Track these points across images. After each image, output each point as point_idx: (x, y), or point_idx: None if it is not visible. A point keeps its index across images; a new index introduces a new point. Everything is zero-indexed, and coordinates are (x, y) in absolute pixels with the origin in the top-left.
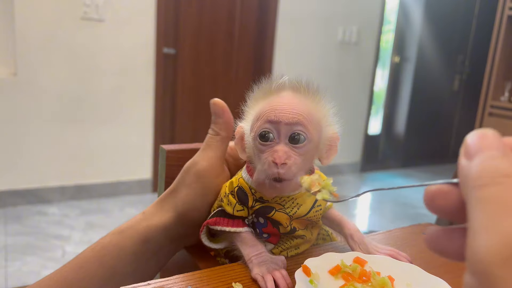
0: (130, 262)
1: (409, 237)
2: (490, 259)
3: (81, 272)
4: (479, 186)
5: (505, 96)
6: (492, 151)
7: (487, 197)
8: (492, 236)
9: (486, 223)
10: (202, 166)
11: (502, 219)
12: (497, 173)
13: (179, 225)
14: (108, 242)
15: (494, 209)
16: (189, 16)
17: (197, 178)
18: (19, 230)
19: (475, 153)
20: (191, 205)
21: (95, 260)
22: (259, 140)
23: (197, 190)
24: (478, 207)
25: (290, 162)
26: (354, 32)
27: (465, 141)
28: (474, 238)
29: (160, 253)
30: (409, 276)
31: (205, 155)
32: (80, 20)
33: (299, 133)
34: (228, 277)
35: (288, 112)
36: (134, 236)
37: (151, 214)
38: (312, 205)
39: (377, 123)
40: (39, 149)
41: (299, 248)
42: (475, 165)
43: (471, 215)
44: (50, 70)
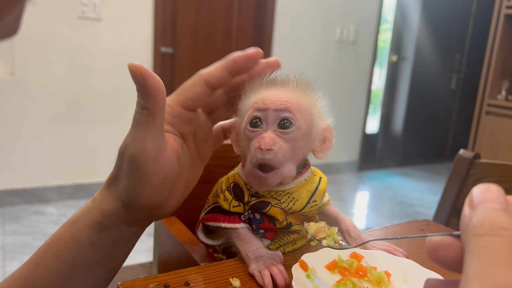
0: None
1: (406, 233)
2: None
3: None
4: (478, 235)
5: (502, 94)
6: (494, 204)
7: (483, 246)
8: (483, 285)
9: (478, 272)
10: (134, 151)
11: (493, 269)
12: (496, 225)
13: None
14: (62, 235)
15: (488, 259)
16: (186, 15)
17: (131, 165)
18: (17, 230)
19: (478, 204)
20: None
21: (52, 255)
22: (249, 127)
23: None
24: (474, 255)
25: (275, 148)
26: (352, 31)
27: (471, 192)
28: (466, 285)
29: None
30: (406, 271)
31: (135, 136)
32: (78, 20)
33: (287, 119)
34: (225, 272)
35: (275, 99)
36: (87, 226)
37: (101, 201)
38: (307, 200)
39: (374, 122)
40: (37, 149)
41: (295, 244)
42: (477, 215)
43: (466, 262)
44: (48, 70)
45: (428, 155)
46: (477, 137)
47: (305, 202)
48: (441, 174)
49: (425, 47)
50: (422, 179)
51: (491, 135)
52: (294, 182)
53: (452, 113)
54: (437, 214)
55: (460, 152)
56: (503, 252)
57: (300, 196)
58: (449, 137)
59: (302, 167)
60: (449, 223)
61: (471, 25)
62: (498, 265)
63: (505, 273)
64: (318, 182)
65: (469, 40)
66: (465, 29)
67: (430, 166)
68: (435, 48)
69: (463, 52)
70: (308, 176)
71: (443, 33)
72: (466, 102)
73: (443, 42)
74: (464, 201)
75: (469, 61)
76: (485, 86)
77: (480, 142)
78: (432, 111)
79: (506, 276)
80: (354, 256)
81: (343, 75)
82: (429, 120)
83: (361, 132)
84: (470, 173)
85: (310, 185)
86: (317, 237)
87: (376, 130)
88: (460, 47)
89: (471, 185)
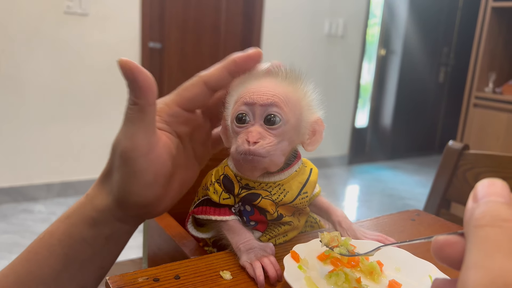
0: (83, 249)
1: (397, 223)
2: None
3: (32, 265)
4: (479, 226)
5: (490, 87)
6: (497, 198)
7: (484, 236)
8: (481, 273)
9: (478, 261)
10: (125, 147)
11: (492, 258)
12: (497, 216)
13: (122, 208)
14: (55, 230)
15: (487, 248)
16: (174, 10)
17: (123, 161)
18: (5, 229)
19: (481, 197)
20: (126, 190)
21: (44, 250)
22: (235, 123)
23: (127, 174)
24: (473, 245)
25: (263, 142)
26: (341, 25)
27: (475, 187)
28: (465, 273)
29: (115, 235)
30: (398, 260)
31: (126, 131)
32: (63, 15)
33: (274, 114)
34: (216, 265)
35: (263, 93)
36: (81, 221)
37: (94, 196)
38: (298, 192)
39: (364, 116)
40: (23, 146)
41: (287, 235)
42: (480, 207)
43: (468, 251)
44: (34, 66)
45: (417, 148)
46: (465, 129)
47: (296, 193)
48: (430, 167)
49: (413, 41)
50: (411, 172)
51: (479, 127)
52: (285, 174)
53: (440, 106)
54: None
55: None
56: (503, 241)
57: (291, 187)
58: (438, 130)
59: (293, 159)
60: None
61: (458, 19)
62: (497, 253)
63: (503, 261)
64: (309, 174)
65: (457, 33)
66: (452, 23)
67: (419, 159)
68: (423, 42)
69: (450, 46)
70: (299, 168)
71: (430, 27)
72: (454, 95)
73: (431, 35)
74: (453, 192)
75: (457, 55)
76: (473, 79)
77: (468, 134)
78: (420, 105)
79: (504, 264)
80: None
81: (332, 70)
82: (418, 114)
83: (350, 126)
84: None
85: (301, 177)
86: (330, 246)
87: (365, 124)
88: (448, 41)
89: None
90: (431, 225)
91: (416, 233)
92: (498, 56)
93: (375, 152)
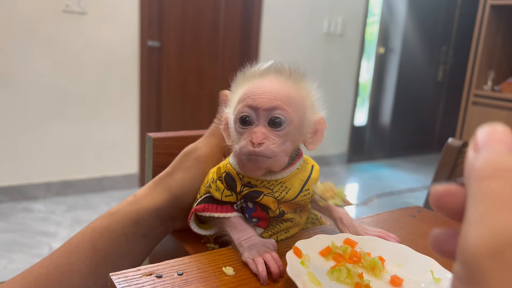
0: (121, 244)
1: (398, 219)
2: (479, 251)
3: (72, 256)
4: (481, 178)
5: (488, 85)
6: (499, 146)
7: (486, 189)
8: (483, 228)
9: (480, 216)
10: (203, 152)
11: (495, 213)
12: (500, 167)
13: (171, 207)
14: (98, 225)
15: (490, 202)
16: (173, 8)
17: (196, 163)
18: (4, 228)
19: (482, 146)
20: (186, 189)
21: (85, 243)
22: (239, 124)
23: (195, 175)
24: (476, 199)
25: (268, 143)
26: (340, 23)
27: (475, 134)
28: (467, 229)
29: (150, 235)
30: (399, 256)
31: (207, 142)
32: (62, 13)
33: (278, 117)
34: (219, 261)
35: (266, 97)
36: (124, 218)
37: (143, 196)
38: (300, 189)
39: (363, 114)
40: (22, 145)
41: (288, 232)
42: (481, 158)
43: (469, 206)
44: (32, 65)
45: (415, 147)
46: (464, 127)
47: (297, 191)
48: (428, 165)
49: (412, 39)
50: (410, 170)
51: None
52: (287, 172)
53: (439, 105)
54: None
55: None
56: (506, 195)
57: (293, 185)
58: (436, 128)
59: (294, 157)
60: None
61: (457, 17)
62: (500, 209)
63: (507, 216)
64: (311, 171)
65: (455, 31)
66: (451, 21)
67: (418, 158)
68: (421, 40)
69: (449, 44)
70: (301, 165)
71: (429, 25)
72: (452, 93)
73: (430, 34)
74: None
75: (455, 53)
76: (472, 77)
77: (467, 132)
78: (419, 103)
79: (508, 219)
80: (348, 242)
81: (331, 68)
82: (417, 112)
83: (349, 125)
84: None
85: (303, 174)
86: (324, 197)
87: (364, 123)
88: (446, 39)
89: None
90: (431, 222)
91: (416, 230)
92: (497, 54)
93: (374, 150)
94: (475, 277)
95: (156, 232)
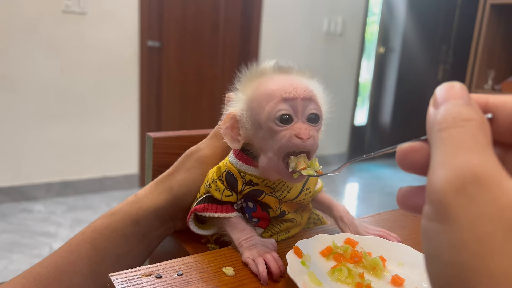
0: (121, 244)
1: (399, 219)
2: (444, 189)
3: (73, 256)
4: (442, 129)
5: (489, 84)
6: (457, 100)
7: (447, 137)
8: (447, 169)
9: (443, 159)
10: (206, 153)
11: (458, 155)
12: (459, 117)
13: (171, 208)
14: (99, 225)
15: (451, 147)
16: (173, 9)
17: (198, 163)
18: (4, 228)
19: (441, 102)
20: (187, 189)
21: (86, 243)
22: (277, 122)
23: (196, 176)
24: (438, 147)
25: (313, 135)
26: (340, 23)
27: (434, 92)
28: (432, 173)
29: (150, 235)
30: (401, 255)
31: (210, 143)
32: (62, 14)
33: (314, 112)
34: (218, 261)
35: (300, 87)
36: (124, 218)
37: (143, 195)
38: (301, 188)
39: (363, 114)
40: (23, 146)
41: (289, 232)
42: (441, 111)
43: (433, 155)
44: (32, 65)
45: None
46: None
47: (299, 190)
48: None
49: (412, 38)
50: None
51: None
52: None
53: None
54: None
55: None
56: (465, 139)
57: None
58: None
59: None
60: None
61: (457, 16)
62: (461, 150)
63: (468, 156)
64: None
65: (455, 31)
66: (451, 20)
67: None
68: (421, 40)
69: (449, 43)
70: None
71: (429, 25)
72: None
73: (430, 33)
74: None
75: (456, 52)
76: (472, 76)
77: None
78: (419, 102)
79: (470, 158)
80: (349, 242)
81: (331, 68)
82: (417, 111)
83: (349, 124)
84: None
85: None
86: (298, 169)
87: (364, 122)
88: (447, 38)
89: None
90: None
91: (418, 229)
92: (497, 53)
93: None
94: (443, 213)
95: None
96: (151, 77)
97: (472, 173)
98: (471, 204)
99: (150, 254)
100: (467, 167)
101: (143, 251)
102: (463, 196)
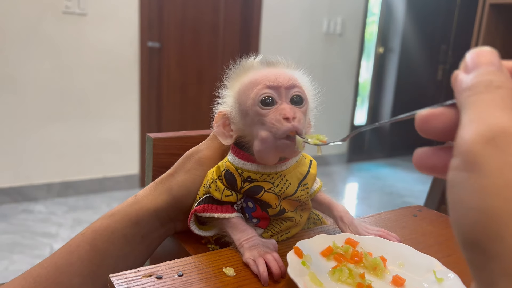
0: (121, 245)
1: (399, 219)
2: (474, 139)
3: (72, 257)
4: (473, 94)
5: None
6: (488, 67)
7: (479, 100)
8: (477, 124)
9: (474, 117)
10: (205, 155)
11: (489, 113)
12: (490, 84)
13: (171, 209)
14: (98, 226)
15: (482, 108)
16: (173, 9)
17: (198, 165)
18: (5, 229)
19: (472, 68)
20: (186, 191)
21: (86, 244)
22: (260, 105)
23: (196, 177)
24: (469, 108)
25: (299, 116)
26: (339, 23)
27: (465, 58)
28: (463, 129)
29: (150, 236)
30: (401, 255)
31: (210, 145)
32: (62, 15)
33: (298, 94)
34: (219, 262)
35: (283, 77)
36: (124, 219)
37: (143, 196)
38: (298, 183)
39: (362, 114)
40: (23, 146)
41: (289, 232)
42: (472, 77)
43: (463, 116)
44: (33, 66)
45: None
46: None
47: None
48: None
49: (411, 38)
50: (410, 170)
51: None
52: (287, 164)
53: None
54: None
55: None
56: (496, 102)
57: (292, 179)
58: None
59: None
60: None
61: (456, 16)
62: (492, 110)
63: (499, 114)
64: (309, 166)
65: (455, 31)
66: (451, 20)
67: None
68: (421, 40)
69: (448, 43)
70: (299, 158)
71: (428, 25)
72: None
73: (429, 33)
74: None
75: (455, 52)
76: None
77: None
78: (419, 102)
79: (500, 116)
80: (349, 242)
81: (331, 68)
82: None
83: (349, 124)
84: None
85: (302, 168)
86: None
87: (364, 122)
88: (446, 38)
89: None
90: (433, 221)
91: (418, 229)
92: None
93: (374, 150)
94: (472, 162)
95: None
96: (151, 77)
97: (502, 128)
98: (500, 153)
99: (151, 255)
100: (497, 123)
101: (143, 252)
102: (492, 145)
